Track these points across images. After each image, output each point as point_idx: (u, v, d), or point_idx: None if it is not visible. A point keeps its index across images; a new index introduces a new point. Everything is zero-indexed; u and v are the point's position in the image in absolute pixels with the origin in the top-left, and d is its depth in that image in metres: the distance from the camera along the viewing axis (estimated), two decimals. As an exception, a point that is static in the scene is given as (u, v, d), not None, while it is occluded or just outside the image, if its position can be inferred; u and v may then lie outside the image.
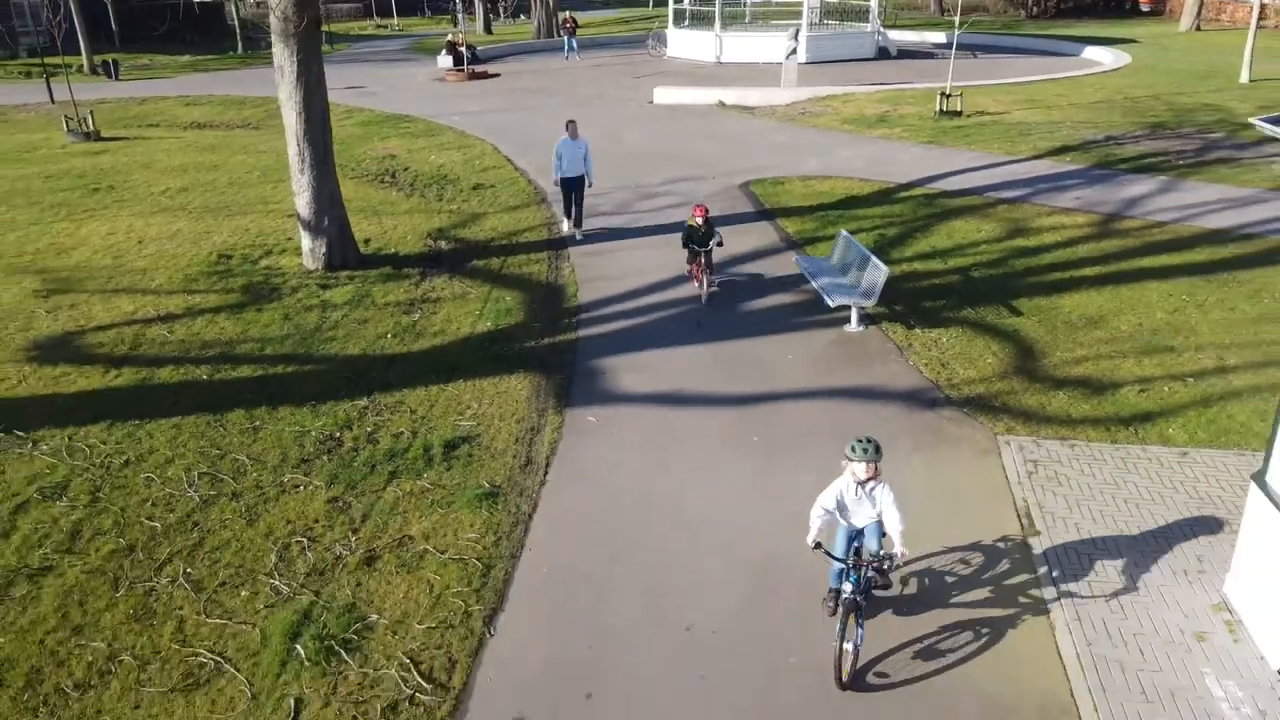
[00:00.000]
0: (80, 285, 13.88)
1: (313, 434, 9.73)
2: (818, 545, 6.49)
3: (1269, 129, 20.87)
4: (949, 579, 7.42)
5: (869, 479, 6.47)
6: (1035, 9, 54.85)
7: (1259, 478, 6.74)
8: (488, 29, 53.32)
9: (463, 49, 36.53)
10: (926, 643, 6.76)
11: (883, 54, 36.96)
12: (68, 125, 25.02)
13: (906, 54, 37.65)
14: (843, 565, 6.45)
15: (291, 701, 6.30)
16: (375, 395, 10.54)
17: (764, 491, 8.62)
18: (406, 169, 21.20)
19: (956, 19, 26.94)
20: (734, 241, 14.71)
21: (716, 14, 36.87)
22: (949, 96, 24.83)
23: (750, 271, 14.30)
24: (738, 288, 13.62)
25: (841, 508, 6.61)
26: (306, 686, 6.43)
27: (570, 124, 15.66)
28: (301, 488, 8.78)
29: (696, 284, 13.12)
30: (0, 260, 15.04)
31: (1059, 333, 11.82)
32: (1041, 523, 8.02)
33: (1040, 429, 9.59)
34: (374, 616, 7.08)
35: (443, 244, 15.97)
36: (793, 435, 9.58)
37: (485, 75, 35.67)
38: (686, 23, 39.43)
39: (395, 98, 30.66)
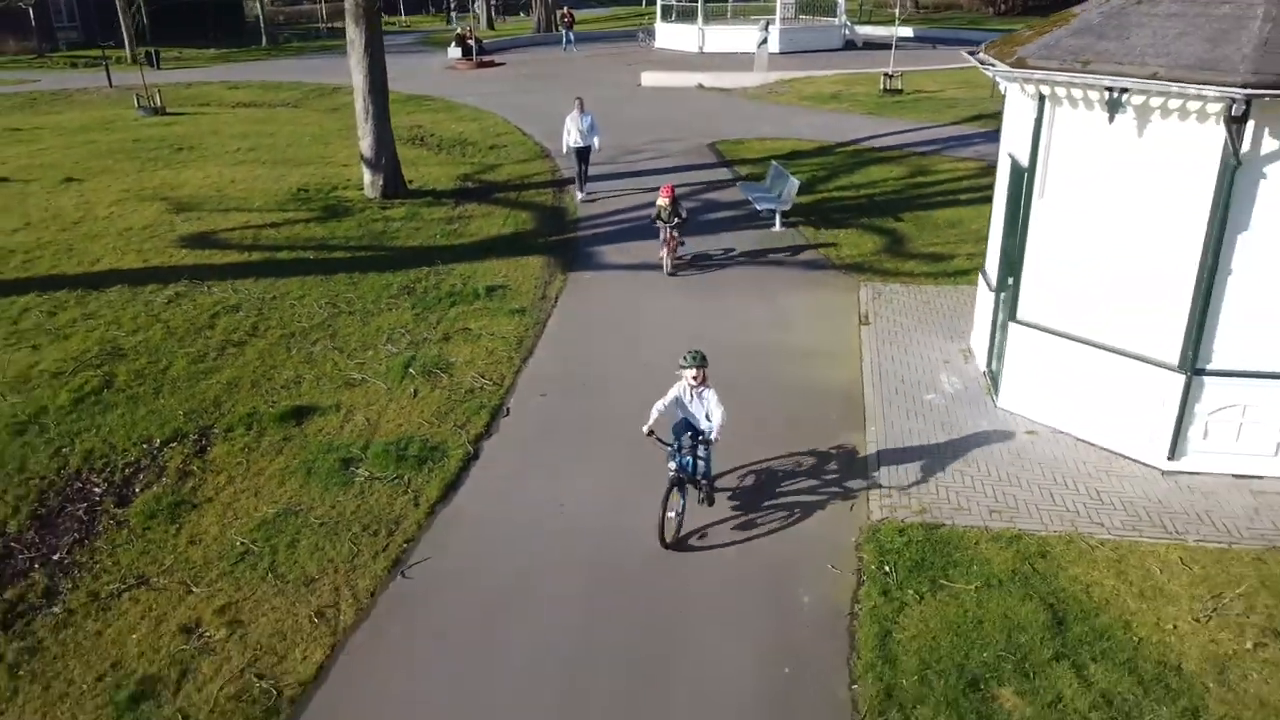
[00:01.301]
0: (198, 206, 18.70)
1: (393, 286, 14.54)
2: (650, 433, 8.09)
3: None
4: (819, 354, 12.26)
5: (698, 383, 8.20)
6: (1003, 6, 59.85)
7: (982, 271, 11.57)
8: (490, 24, 58.25)
9: (470, 41, 41.45)
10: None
11: (849, 45, 41.89)
12: (138, 102, 29.87)
13: (872, 46, 42.52)
14: (672, 450, 8.08)
15: (413, 388, 11.13)
16: (435, 264, 15.37)
17: (702, 308, 13.47)
18: (432, 135, 26.05)
19: (896, 13, 31.84)
20: (698, 176, 19.59)
21: (699, 9, 41.80)
22: (891, 77, 29.77)
23: (707, 198, 19.15)
24: (697, 209, 18.46)
25: (681, 406, 8.35)
26: (419, 385, 11.25)
27: (579, 100, 20.01)
28: (393, 309, 13.60)
29: (664, 253, 14.85)
30: (129, 193, 19.86)
31: (925, 230, 16.68)
32: (872, 318, 12.88)
33: (890, 279, 14.46)
34: (454, 359, 11.91)
35: (469, 183, 20.83)
36: (727, 283, 14.44)
37: (492, 64, 40.59)
38: (673, 17, 44.36)
39: (414, 82, 35.45)
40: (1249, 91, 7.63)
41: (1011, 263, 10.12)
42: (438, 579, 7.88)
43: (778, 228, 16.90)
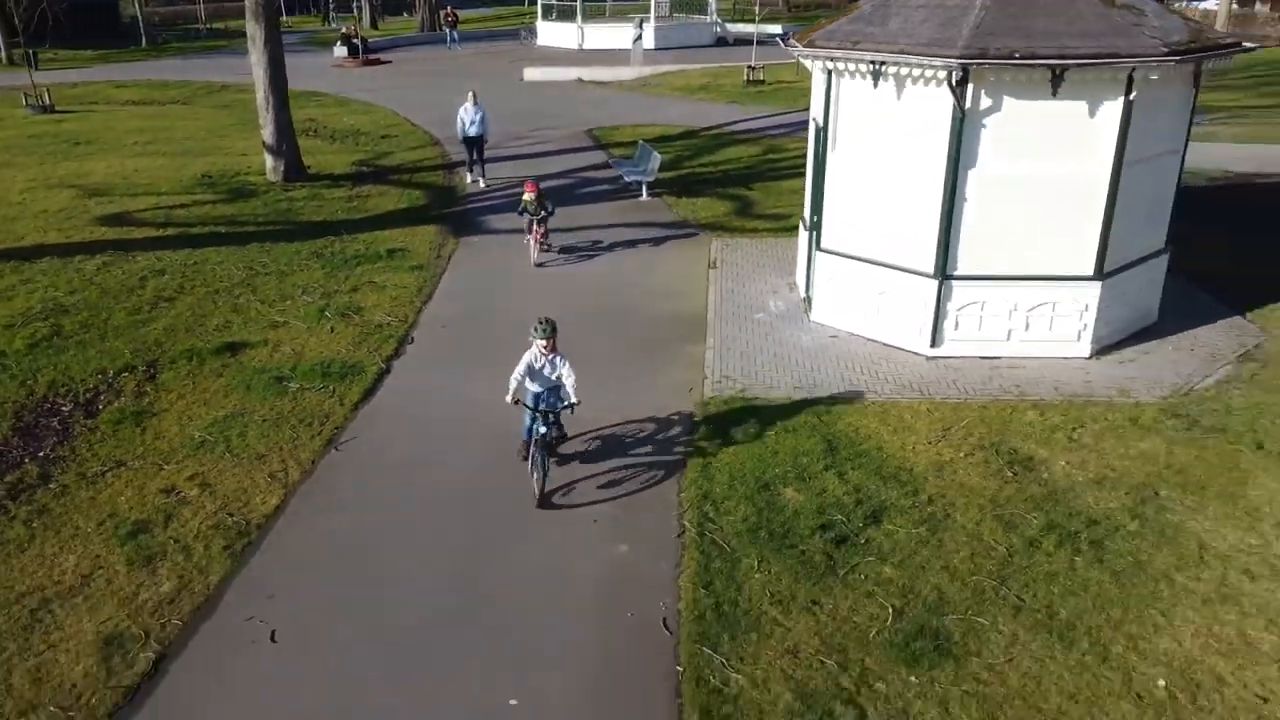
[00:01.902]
0: (109, 192, 20.19)
1: (303, 252, 16.50)
2: (516, 401, 8.86)
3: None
4: (674, 291, 14.81)
5: (549, 351, 8.89)
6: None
7: (802, 218, 14.31)
8: (374, 24, 59.52)
9: (356, 40, 42.98)
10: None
11: (720, 42, 44.98)
12: (26, 100, 30.63)
13: (742, 42, 45.68)
14: (533, 415, 8.90)
15: (330, 326, 13.23)
16: (340, 234, 17.39)
17: (577, 259, 15.88)
18: (326, 127, 27.78)
19: (757, 10, 34.94)
20: (576, 159, 22.02)
21: (579, 8, 44.28)
22: (755, 70, 32.80)
23: (584, 176, 21.59)
24: (574, 185, 20.88)
25: (532, 373, 8.97)
26: (335, 324, 13.34)
27: (472, 92, 21.56)
28: (305, 269, 15.60)
29: (532, 245, 15.72)
30: (36, 182, 21.15)
31: (772, 196, 19.48)
32: (720, 263, 15.52)
33: (738, 235, 17.16)
34: (364, 305, 14.03)
35: (365, 168, 22.79)
36: (601, 239, 16.89)
37: (378, 62, 42.22)
38: (554, 16, 46.73)
39: (303, 80, 36.66)
40: (964, 61, 10.47)
41: (816, 204, 12.86)
42: (363, 451, 10.09)
43: (645, 197, 19.45)
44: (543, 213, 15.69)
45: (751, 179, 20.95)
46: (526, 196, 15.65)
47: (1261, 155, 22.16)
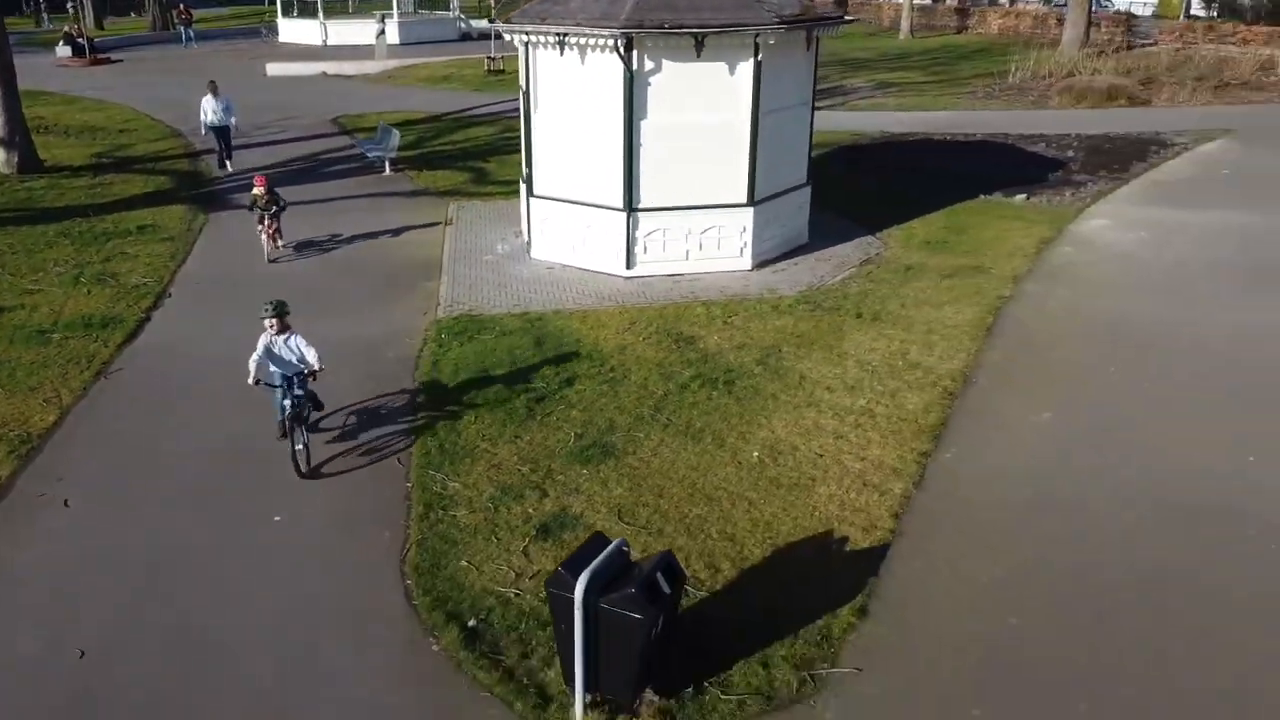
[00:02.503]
0: None
1: (50, 232, 17.22)
2: (257, 381, 9.19)
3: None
4: (414, 242, 16.80)
5: (282, 331, 9.27)
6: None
7: (521, 174, 16.71)
8: (99, 24, 57.05)
9: (81, 40, 41.68)
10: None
11: (465, 36, 46.92)
12: None
13: (486, 36, 47.85)
14: (282, 393, 9.11)
15: (86, 289, 14.31)
16: (88, 216, 18.16)
17: (325, 222, 17.56)
18: (57, 124, 27.58)
19: (493, 5, 37.16)
20: (322, 144, 23.48)
21: (319, 5, 44.92)
22: (494, 60, 35.08)
23: (330, 158, 23.11)
24: (321, 165, 22.37)
25: (271, 356, 9.20)
26: (91, 288, 14.44)
27: (212, 83, 22.14)
28: (55, 246, 16.41)
29: (266, 241, 15.65)
30: None
31: (505, 167, 21.77)
32: (455, 220, 17.68)
33: (473, 199, 19.38)
34: (118, 271, 15.15)
35: (105, 160, 23.22)
36: (346, 209, 18.61)
37: (108, 61, 41.18)
38: (295, 13, 47.06)
39: (26, 80, 35.46)
40: (625, 31, 13.18)
41: (528, 158, 15.30)
42: (131, 378, 11.54)
43: (388, 172, 21.29)
44: (274, 207, 15.57)
45: (488, 154, 23.21)
46: (256, 191, 15.46)
47: (915, 120, 26.80)
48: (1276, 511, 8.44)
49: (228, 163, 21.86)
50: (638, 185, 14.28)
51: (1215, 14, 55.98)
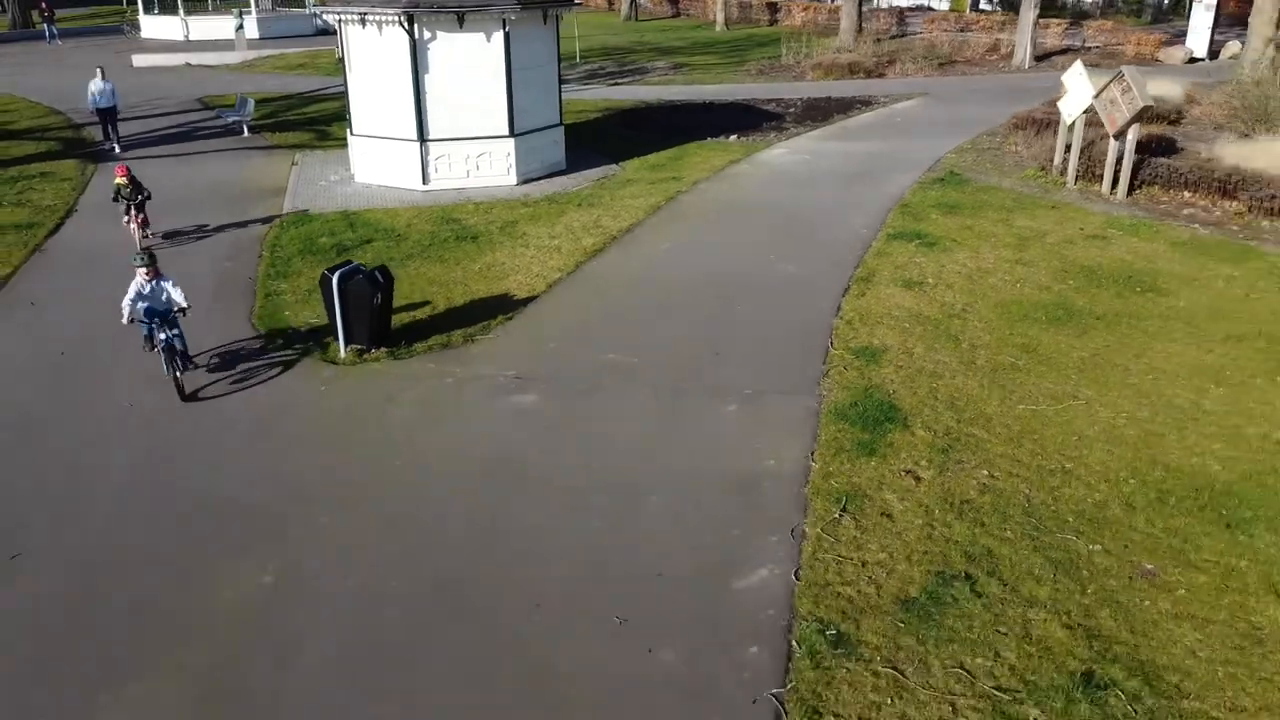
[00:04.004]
0: None
1: (-33, 179, 21.97)
2: (131, 320, 10.88)
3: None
4: (265, 177, 22.20)
5: (154, 277, 10.99)
6: None
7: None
8: (-42, 25, 59.46)
9: (-52, 37, 44.94)
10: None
11: (321, 31, 51.71)
12: None
13: (340, 32, 52.81)
14: (151, 327, 10.91)
15: (10, 210, 19.28)
16: (-6, 166, 22.91)
17: (196, 170, 22.76)
18: (-57, 107, 31.67)
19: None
20: (188, 117, 28.52)
21: (179, 2, 49.14)
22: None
23: (198, 127, 28.15)
24: (189, 131, 27.39)
25: (143, 297, 10.93)
26: (14, 211, 19.38)
27: (100, 69, 26.71)
28: (-26, 186, 21.24)
29: (135, 231, 16.37)
30: None
31: (345, 129, 27.24)
32: (300, 163, 23.13)
33: (315, 150, 24.83)
34: (28, 201, 20.08)
35: (-3, 132, 27.70)
36: (210, 160, 23.80)
37: (-23, 57, 44.58)
38: (156, 10, 51.06)
39: (-100, 72, 39.13)
40: (406, 10, 18.97)
41: (348, 106, 20.94)
42: (56, 255, 16.73)
43: (246, 134, 26.53)
44: (139, 196, 15.93)
45: (331, 120, 28.59)
46: (119, 180, 15.71)
47: (690, 91, 33.33)
48: (768, 278, 14.80)
49: (115, 146, 26.28)
50: (427, 122, 20.08)
51: (999, 6, 64.86)
